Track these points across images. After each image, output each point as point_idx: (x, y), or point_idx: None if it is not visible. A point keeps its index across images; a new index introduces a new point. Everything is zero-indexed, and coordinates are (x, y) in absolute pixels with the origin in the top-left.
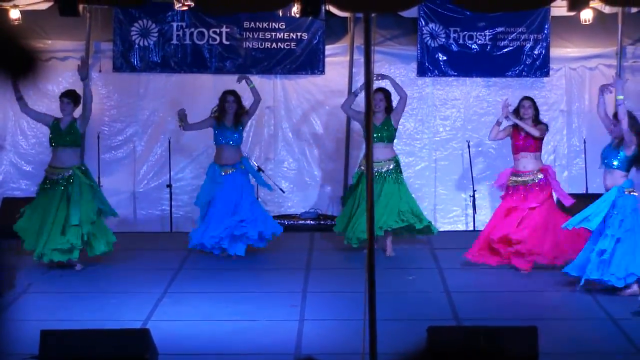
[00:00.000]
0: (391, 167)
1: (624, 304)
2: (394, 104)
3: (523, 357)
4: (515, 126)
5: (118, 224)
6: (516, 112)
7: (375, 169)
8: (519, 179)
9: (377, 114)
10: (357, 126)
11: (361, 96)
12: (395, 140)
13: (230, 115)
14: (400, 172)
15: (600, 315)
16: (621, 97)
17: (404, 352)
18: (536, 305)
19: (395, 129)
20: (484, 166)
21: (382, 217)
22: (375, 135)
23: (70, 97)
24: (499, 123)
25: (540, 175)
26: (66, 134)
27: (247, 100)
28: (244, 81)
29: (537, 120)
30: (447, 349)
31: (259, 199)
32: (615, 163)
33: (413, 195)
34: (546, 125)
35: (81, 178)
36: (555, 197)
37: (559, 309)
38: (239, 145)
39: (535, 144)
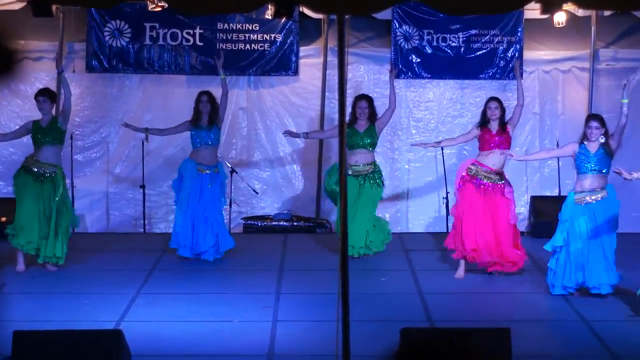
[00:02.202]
0: (370, 170)
1: (596, 306)
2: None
3: (496, 359)
4: (484, 124)
5: (91, 225)
6: (483, 113)
7: (353, 173)
8: (483, 172)
9: (360, 121)
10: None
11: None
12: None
13: (205, 116)
14: (380, 175)
15: (573, 318)
16: (626, 100)
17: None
18: (509, 307)
19: (378, 137)
20: (457, 168)
21: (354, 236)
22: (357, 141)
23: (46, 95)
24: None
25: (502, 181)
26: (48, 132)
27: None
28: (219, 79)
29: (503, 122)
30: (420, 350)
31: (233, 202)
32: (605, 170)
33: (386, 197)
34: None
35: (63, 181)
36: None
37: (532, 311)
38: (217, 146)
39: (507, 143)
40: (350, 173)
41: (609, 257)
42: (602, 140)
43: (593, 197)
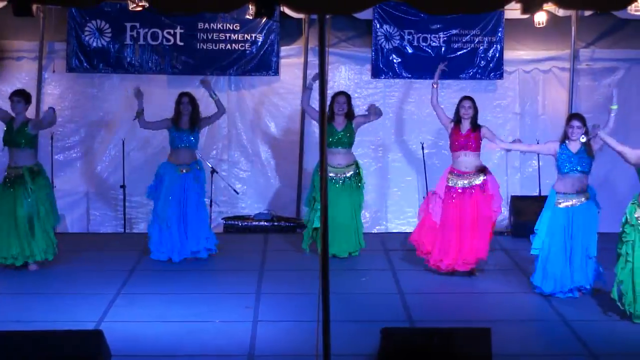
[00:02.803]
0: (351, 173)
1: (576, 306)
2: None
3: (476, 359)
4: (456, 123)
5: (71, 225)
6: (456, 112)
7: (336, 175)
8: (460, 180)
9: (337, 118)
10: (311, 128)
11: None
12: None
13: (186, 117)
14: (361, 177)
15: (553, 318)
16: (615, 106)
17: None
18: (490, 307)
19: (355, 135)
20: (437, 167)
21: (334, 240)
22: (335, 140)
23: (20, 96)
24: (433, 85)
25: (482, 177)
26: (16, 135)
27: (204, 105)
28: (205, 88)
29: (475, 122)
30: (401, 350)
31: (213, 202)
32: (586, 170)
33: (366, 197)
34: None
35: (41, 179)
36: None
37: (513, 311)
38: (195, 149)
39: (475, 143)
40: (332, 175)
41: (589, 259)
42: (583, 139)
43: (575, 201)
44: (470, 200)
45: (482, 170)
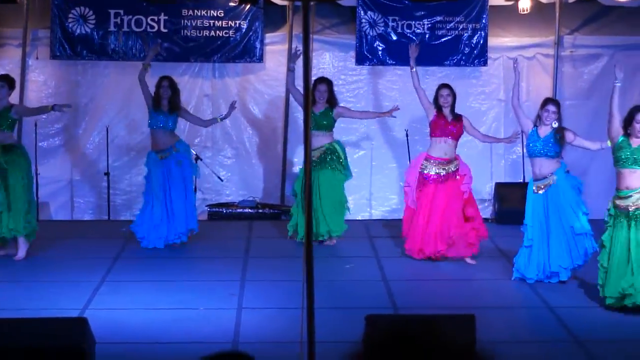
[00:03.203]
0: (328, 150)
1: (561, 292)
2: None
3: (461, 346)
4: (438, 109)
5: (55, 212)
6: (435, 100)
7: (316, 156)
8: (435, 167)
9: (318, 104)
10: (295, 114)
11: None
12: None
13: (165, 101)
14: (340, 157)
15: (537, 304)
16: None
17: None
18: (474, 293)
19: (334, 121)
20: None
21: (320, 222)
22: (312, 123)
23: (4, 81)
24: (411, 67)
25: (456, 163)
26: None
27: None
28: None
29: (454, 110)
30: (385, 337)
31: (198, 189)
32: (552, 154)
33: (350, 183)
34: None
35: (21, 159)
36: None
37: (497, 298)
38: (173, 130)
39: (457, 132)
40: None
41: (577, 236)
42: (555, 125)
43: (545, 184)
44: (446, 187)
45: (456, 158)
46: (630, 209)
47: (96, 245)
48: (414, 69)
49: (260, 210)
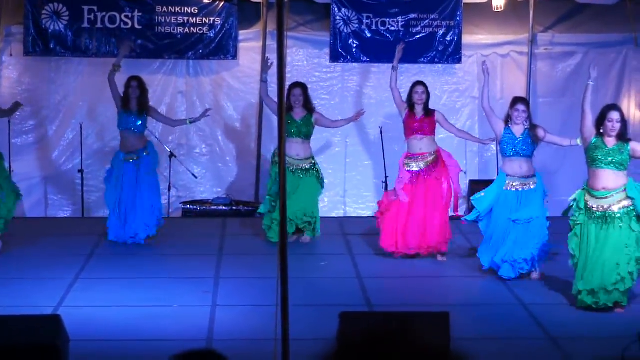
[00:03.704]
0: (307, 165)
1: (534, 289)
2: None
3: (435, 343)
4: (410, 108)
5: (29, 209)
6: (409, 98)
7: (292, 166)
8: (415, 162)
9: (296, 109)
10: (270, 112)
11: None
12: None
13: (134, 101)
14: (317, 170)
15: (511, 301)
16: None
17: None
18: (448, 291)
19: (314, 128)
20: (396, 152)
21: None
22: (294, 129)
23: None
24: (394, 67)
25: (436, 158)
26: None
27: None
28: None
29: (427, 107)
30: (360, 334)
31: (172, 186)
32: (529, 154)
33: (325, 181)
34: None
35: None
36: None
37: (471, 295)
38: (143, 132)
39: (430, 127)
40: (288, 166)
41: (537, 240)
42: (527, 124)
43: (524, 184)
44: (428, 181)
45: (436, 152)
46: (606, 209)
47: (70, 242)
48: (396, 69)
49: (234, 208)
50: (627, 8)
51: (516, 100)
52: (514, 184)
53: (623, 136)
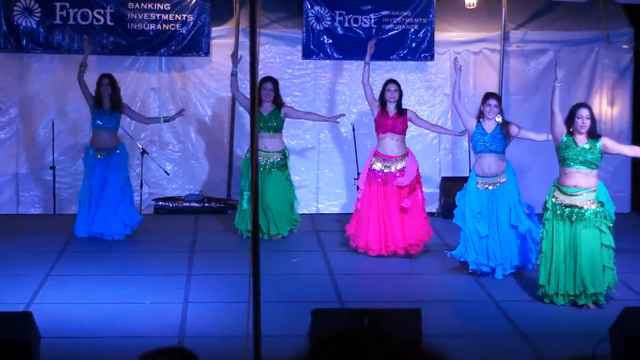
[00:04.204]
0: (278, 159)
1: (505, 286)
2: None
3: (407, 340)
4: (383, 106)
5: (1, 206)
6: (381, 96)
7: (261, 158)
8: (383, 163)
9: (265, 104)
10: (242, 109)
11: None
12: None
13: (106, 99)
14: (287, 166)
15: (483, 298)
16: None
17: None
18: (420, 287)
19: (283, 121)
20: (368, 149)
21: (272, 227)
22: (260, 124)
23: None
24: (367, 63)
25: (405, 162)
26: None
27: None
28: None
29: (400, 105)
30: (332, 331)
31: (144, 183)
32: (500, 150)
33: (297, 178)
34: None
35: None
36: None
37: (443, 292)
38: (115, 130)
39: (402, 126)
40: (259, 158)
41: (513, 240)
42: (499, 119)
43: (494, 182)
44: (389, 188)
45: (406, 154)
46: (576, 208)
47: (42, 239)
48: (368, 65)
49: (207, 204)
50: (599, 6)
51: (488, 96)
52: (483, 184)
53: (593, 133)
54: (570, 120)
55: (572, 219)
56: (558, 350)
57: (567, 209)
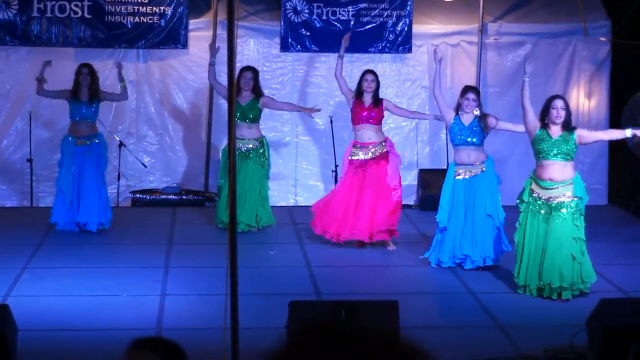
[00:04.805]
0: (256, 146)
1: (482, 278)
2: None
3: (384, 331)
4: (358, 96)
5: None
6: (358, 85)
7: (239, 146)
8: (362, 152)
9: (243, 93)
10: (219, 101)
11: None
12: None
13: (85, 89)
14: (265, 155)
15: (460, 290)
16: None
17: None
18: (397, 279)
19: (261, 112)
20: (346, 141)
21: (241, 213)
22: (239, 114)
23: None
24: (340, 57)
25: (385, 148)
26: None
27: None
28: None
29: (377, 96)
30: (309, 323)
31: (121, 175)
32: (478, 142)
33: (274, 170)
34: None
35: None
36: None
37: (420, 284)
38: (95, 121)
39: (378, 116)
40: (238, 145)
41: (495, 229)
42: (477, 112)
43: (472, 171)
44: (374, 170)
45: (384, 141)
46: (552, 201)
47: (18, 232)
48: (341, 58)
49: (184, 197)
50: None
51: (466, 89)
52: (462, 172)
53: (568, 125)
54: (545, 111)
55: (548, 212)
56: (535, 341)
57: (544, 204)
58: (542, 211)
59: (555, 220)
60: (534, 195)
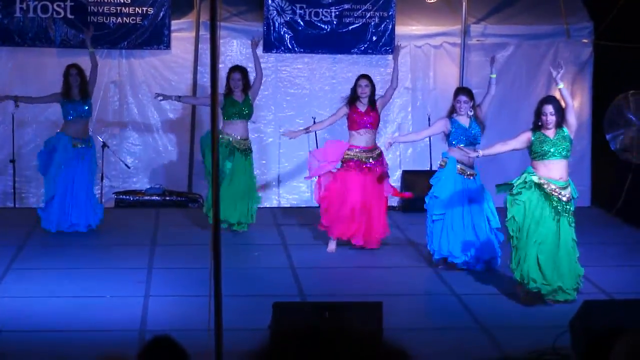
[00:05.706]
0: (247, 147)
1: (466, 280)
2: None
3: (368, 333)
4: (352, 102)
5: None
6: (353, 90)
7: (238, 145)
8: (362, 154)
9: (236, 92)
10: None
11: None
12: None
13: (76, 89)
14: (250, 151)
15: (443, 291)
16: (494, 75)
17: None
18: (381, 281)
19: (252, 108)
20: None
21: (231, 211)
22: (236, 111)
23: None
24: (308, 131)
25: (379, 152)
26: None
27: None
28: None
29: (373, 100)
30: (293, 325)
31: (105, 176)
32: (476, 144)
33: (257, 172)
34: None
35: None
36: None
37: (404, 285)
38: (89, 119)
39: (375, 121)
40: (236, 145)
41: (484, 232)
42: (471, 112)
43: (469, 174)
44: (371, 175)
45: (380, 151)
46: (561, 199)
47: (2, 232)
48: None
49: (168, 198)
50: (559, 0)
51: (458, 92)
52: (465, 171)
53: (559, 124)
54: (537, 117)
55: (557, 212)
56: (518, 343)
57: (555, 197)
58: (553, 210)
59: (564, 221)
60: (545, 186)
